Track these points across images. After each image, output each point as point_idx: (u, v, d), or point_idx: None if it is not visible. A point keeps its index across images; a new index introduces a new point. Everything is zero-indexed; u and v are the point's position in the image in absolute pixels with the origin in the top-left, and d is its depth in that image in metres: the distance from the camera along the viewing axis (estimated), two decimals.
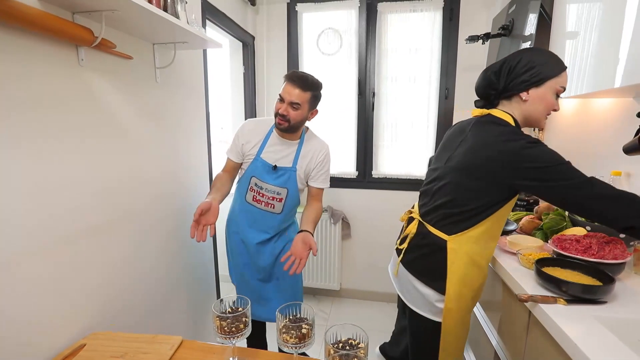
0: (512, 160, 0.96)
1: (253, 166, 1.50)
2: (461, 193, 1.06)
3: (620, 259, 0.98)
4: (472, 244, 1.06)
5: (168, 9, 1.13)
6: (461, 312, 1.11)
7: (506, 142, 0.98)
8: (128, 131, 1.27)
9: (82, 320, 1.09)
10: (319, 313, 2.51)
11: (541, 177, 0.93)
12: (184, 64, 1.62)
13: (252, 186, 1.51)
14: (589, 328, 0.78)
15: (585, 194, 0.91)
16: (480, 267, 1.09)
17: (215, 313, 0.89)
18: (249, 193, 1.52)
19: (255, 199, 1.52)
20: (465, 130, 1.13)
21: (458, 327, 1.13)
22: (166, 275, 1.53)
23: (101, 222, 1.16)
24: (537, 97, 1.03)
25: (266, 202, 1.51)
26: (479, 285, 1.11)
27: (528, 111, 1.06)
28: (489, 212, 1.04)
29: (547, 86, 1.02)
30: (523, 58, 1.02)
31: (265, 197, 1.50)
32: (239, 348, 0.99)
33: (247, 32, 2.35)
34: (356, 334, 0.80)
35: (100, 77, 1.13)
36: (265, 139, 1.50)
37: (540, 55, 1.03)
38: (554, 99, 1.03)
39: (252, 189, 1.52)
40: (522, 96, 1.04)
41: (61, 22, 0.91)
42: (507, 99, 1.08)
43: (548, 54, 1.05)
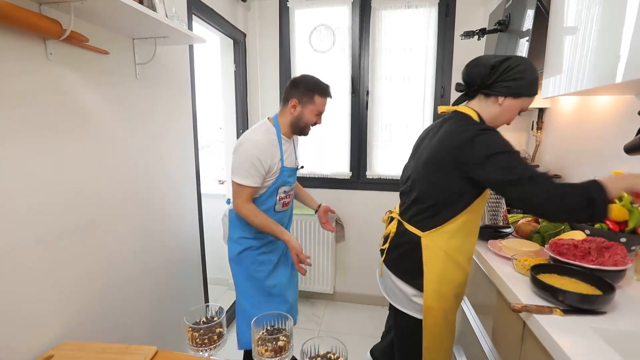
0: (465, 148, 0.98)
1: (280, 179, 1.45)
2: (426, 186, 1.08)
3: (620, 266, 0.92)
4: (448, 240, 1.06)
5: (144, 1, 1.07)
6: (443, 311, 1.10)
7: (460, 133, 1.01)
8: (105, 129, 1.21)
9: (53, 329, 1.04)
10: (312, 317, 2.45)
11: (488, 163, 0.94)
12: (167, 60, 1.56)
13: (280, 195, 1.49)
14: (587, 341, 0.72)
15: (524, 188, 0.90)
16: (459, 264, 1.09)
17: (187, 324, 0.83)
18: (278, 203, 1.50)
19: (285, 204, 1.54)
20: (434, 128, 1.17)
21: (441, 327, 1.12)
22: (146, 281, 1.47)
23: (74, 225, 1.10)
24: (508, 107, 1.06)
25: (290, 200, 1.58)
26: (460, 283, 1.11)
27: (496, 115, 1.08)
28: (460, 206, 1.05)
29: (520, 102, 1.05)
30: (518, 66, 1.02)
31: (289, 197, 1.56)
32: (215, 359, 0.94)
33: (237, 29, 2.30)
34: (335, 347, 0.75)
35: (72, 72, 1.07)
36: (281, 149, 1.45)
37: (531, 73, 1.04)
38: (516, 115, 1.08)
39: (281, 198, 1.50)
40: (499, 100, 1.05)
41: (23, 13, 0.85)
42: (485, 95, 1.09)
43: (535, 74, 1.06)
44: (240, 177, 1.36)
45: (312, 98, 1.42)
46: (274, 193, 1.46)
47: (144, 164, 1.43)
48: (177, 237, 1.70)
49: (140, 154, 1.40)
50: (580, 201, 0.86)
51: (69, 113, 1.07)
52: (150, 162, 1.47)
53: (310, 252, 2.51)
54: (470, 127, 1.02)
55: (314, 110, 1.44)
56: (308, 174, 2.50)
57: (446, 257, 1.07)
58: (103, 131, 1.21)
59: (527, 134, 2.24)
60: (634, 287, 0.97)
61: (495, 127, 1.08)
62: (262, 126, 1.45)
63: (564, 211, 0.89)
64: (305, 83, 1.44)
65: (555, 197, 0.87)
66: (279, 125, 1.46)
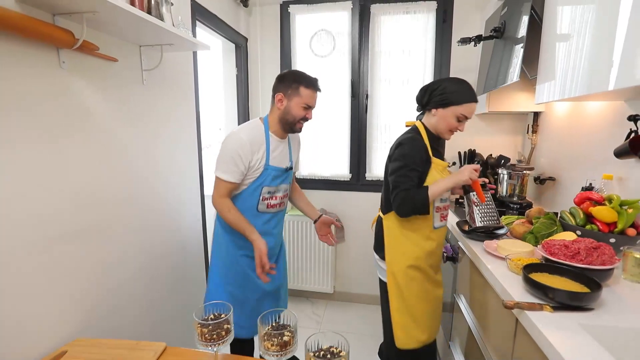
0: (392, 150, 1.37)
1: (263, 177, 1.42)
2: (386, 180, 1.40)
3: (608, 265, 0.96)
4: (400, 220, 1.37)
5: (152, 11, 1.12)
6: (402, 275, 1.37)
7: (398, 139, 1.38)
8: (114, 134, 1.26)
9: (66, 326, 1.08)
10: (312, 316, 2.49)
11: (389, 165, 1.36)
12: (172, 65, 1.60)
13: (264, 196, 1.45)
14: (574, 336, 0.77)
15: (393, 193, 1.30)
16: (411, 240, 1.37)
17: (196, 320, 0.87)
18: (261, 204, 1.46)
19: (270, 205, 1.49)
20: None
21: (401, 289, 1.38)
22: (153, 280, 1.51)
23: (86, 226, 1.14)
24: (441, 116, 1.33)
25: (279, 202, 1.53)
26: (415, 256, 1.37)
27: (435, 124, 1.36)
28: None
29: (450, 110, 1.30)
30: (441, 85, 1.32)
31: (278, 199, 1.51)
32: (222, 355, 0.98)
33: (239, 33, 2.34)
34: (338, 342, 0.79)
35: (83, 79, 1.11)
36: (267, 146, 1.43)
37: (452, 85, 1.31)
38: (456, 122, 1.32)
39: (265, 198, 1.46)
40: (432, 112, 1.35)
41: (40, 24, 0.90)
42: (428, 111, 1.39)
43: (462, 86, 1.31)
44: (219, 171, 1.37)
45: (298, 90, 1.39)
46: (257, 192, 1.43)
47: (150, 166, 1.47)
48: (182, 238, 1.74)
49: (146, 157, 1.44)
50: (411, 205, 1.27)
51: (79, 118, 1.11)
52: (156, 165, 1.51)
53: (310, 252, 2.56)
54: (404, 135, 1.37)
55: (300, 102, 1.40)
56: (308, 175, 2.55)
57: (400, 233, 1.38)
58: (110, 135, 1.25)
59: (522, 137, 2.29)
60: (622, 285, 1.02)
61: (441, 134, 1.37)
62: (250, 123, 1.46)
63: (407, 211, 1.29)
64: (290, 75, 1.42)
65: (403, 202, 1.27)
66: (268, 124, 1.45)
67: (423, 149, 1.33)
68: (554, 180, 1.82)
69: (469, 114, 1.31)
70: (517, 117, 2.29)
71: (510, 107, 1.98)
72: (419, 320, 1.40)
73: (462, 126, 1.34)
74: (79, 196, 1.12)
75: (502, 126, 2.31)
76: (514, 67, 1.56)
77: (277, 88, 1.43)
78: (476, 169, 1.31)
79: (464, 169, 1.30)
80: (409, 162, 1.29)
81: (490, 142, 2.33)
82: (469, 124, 2.33)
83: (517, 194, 1.89)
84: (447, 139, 1.41)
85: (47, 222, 1.01)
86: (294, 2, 2.37)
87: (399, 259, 1.38)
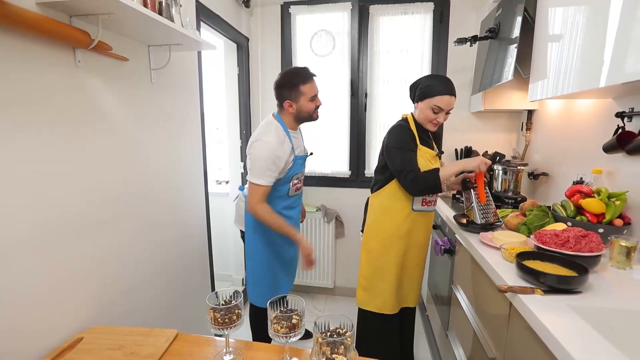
0: (385, 140, 1.53)
1: (294, 168, 1.57)
2: (379, 165, 1.59)
3: (595, 252, 1.02)
4: (382, 199, 1.57)
5: (163, 13, 1.17)
6: (375, 246, 1.58)
7: (388, 131, 1.55)
8: (125, 131, 1.30)
9: (82, 315, 1.13)
10: (313, 310, 2.55)
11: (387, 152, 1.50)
12: (178, 65, 1.65)
13: (293, 182, 1.61)
14: (564, 316, 0.83)
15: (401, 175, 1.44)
16: (388, 217, 1.55)
17: (209, 305, 0.92)
18: (291, 189, 1.63)
19: (297, 189, 1.68)
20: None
21: (370, 259, 1.60)
22: (162, 272, 1.56)
23: (99, 220, 1.19)
24: (420, 108, 1.49)
25: (300, 185, 1.71)
26: (388, 233, 1.55)
27: (418, 114, 1.52)
28: (388, 176, 1.54)
29: (425, 102, 1.45)
30: (422, 81, 1.49)
31: (300, 182, 1.70)
32: (233, 340, 1.03)
33: (241, 33, 2.39)
34: (344, 323, 0.84)
35: (96, 78, 1.16)
36: (291, 141, 1.55)
37: (429, 80, 1.47)
38: (432, 113, 1.45)
39: (294, 184, 1.63)
40: (415, 105, 1.53)
41: (58, 25, 0.94)
42: (415, 105, 1.55)
43: (436, 80, 1.45)
44: (256, 178, 1.46)
45: (299, 89, 1.50)
46: (288, 181, 1.58)
47: (158, 162, 1.52)
48: (189, 234, 1.79)
49: (154, 154, 1.49)
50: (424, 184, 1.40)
51: (93, 116, 1.16)
52: (163, 161, 1.56)
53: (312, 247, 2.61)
54: (394, 124, 1.56)
55: (306, 98, 1.52)
56: (309, 172, 2.60)
57: (379, 210, 1.58)
58: (121, 132, 1.29)
59: (517, 134, 2.35)
60: (608, 272, 1.08)
61: (424, 125, 1.51)
62: (271, 125, 1.53)
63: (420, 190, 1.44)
64: (287, 80, 1.51)
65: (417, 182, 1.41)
66: (283, 122, 1.56)
67: (410, 134, 1.47)
68: (547, 175, 1.89)
69: (443, 106, 1.42)
70: (511, 115, 2.35)
71: (505, 105, 2.05)
72: (376, 286, 1.61)
73: (440, 117, 1.45)
74: (95, 191, 1.17)
75: (497, 124, 2.38)
76: (509, 66, 1.62)
77: (282, 96, 1.54)
78: (487, 162, 1.40)
79: (477, 158, 1.41)
80: (403, 144, 1.44)
81: (486, 139, 2.40)
82: (465, 122, 2.40)
83: (512, 189, 1.96)
84: (430, 129, 1.52)
85: (64, 216, 1.05)
86: (294, 2, 2.42)
87: (375, 232, 1.58)
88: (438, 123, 1.48)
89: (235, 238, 2.72)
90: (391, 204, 1.54)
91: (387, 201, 1.55)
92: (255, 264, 1.67)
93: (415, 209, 1.54)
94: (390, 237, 1.56)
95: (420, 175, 1.40)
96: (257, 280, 1.68)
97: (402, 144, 1.44)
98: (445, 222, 1.79)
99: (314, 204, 2.64)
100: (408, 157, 1.43)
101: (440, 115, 1.45)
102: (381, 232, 1.58)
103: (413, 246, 1.60)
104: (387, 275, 1.59)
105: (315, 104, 1.55)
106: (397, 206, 1.54)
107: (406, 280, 1.65)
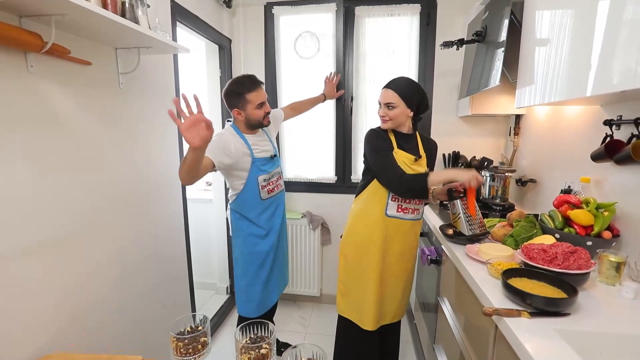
0: (364, 147, 1.52)
1: (254, 169, 1.59)
2: (363, 172, 1.60)
3: (584, 269, 0.98)
4: (359, 203, 1.56)
5: (126, 14, 1.09)
6: (351, 251, 1.56)
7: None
8: (88, 138, 1.22)
9: (35, 340, 1.03)
10: (299, 320, 2.48)
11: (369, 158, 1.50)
12: (152, 68, 1.56)
13: (261, 184, 1.63)
14: (550, 342, 0.77)
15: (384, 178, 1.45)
16: (361, 221, 1.53)
17: (171, 334, 0.85)
18: (262, 191, 1.65)
19: (270, 191, 1.69)
20: None
21: (346, 263, 1.58)
22: (131, 289, 1.47)
23: (56, 235, 1.10)
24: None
25: (276, 185, 1.73)
26: (361, 239, 1.52)
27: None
28: (368, 179, 1.54)
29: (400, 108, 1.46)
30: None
31: (274, 183, 1.71)
32: None
33: (223, 35, 2.31)
34: (316, 353, 0.78)
35: (53, 84, 1.07)
36: (247, 144, 1.59)
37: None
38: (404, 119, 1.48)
39: (263, 186, 1.65)
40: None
41: (2, 27, 0.85)
42: None
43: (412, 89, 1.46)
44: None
45: (245, 98, 1.54)
46: (254, 182, 1.60)
47: (127, 171, 1.43)
48: (163, 244, 1.70)
49: (124, 162, 1.40)
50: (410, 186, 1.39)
51: (50, 123, 1.07)
52: (134, 170, 1.47)
53: (297, 255, 2.54)
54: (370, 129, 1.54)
55: (252, 107, 1.56)
56: (294, 178, 2.53)
57: (358, 213, 1.55)
58: (86, 140, 1.21)
59: (505, 139, 2.32)
60: (597, 288, 1.03)
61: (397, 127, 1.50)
62: (225, 130, 1.64)
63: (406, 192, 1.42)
64: (233, 89, 1.56)
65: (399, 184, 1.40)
66: (237, 128, 1.63)
67: (383, 137, 1.47)
68: (534, 182, 1.85)
69: (380, 100, 1.47)
70: (499, 120, 2.31)
71: (493, 110, 2.00)
72: (354, 293, 1.57)
73: (381, 111, 1.47)
74: (52, 204, 1.08)
75: (485, 128, 2.34)
76: (496, 70, 1.57)
77: (230, 105, 1.61)
78: (479, 179, 1.34)
79: (470, 171, 1.36)
80: (379, 147, 1.45)
81: (474, 144, 2.35)
82: (453, 126, 2.36)
83: (500, 195, 1.92)
84: (383, 127, 1.51)
85: (16, 231, 0.96)
86: (277, 3, 2.35)
87: (350, 236, 1.56)
88: (385, 119, 1.47)
89: (219, 245, 2.64)
90: (366, 207, 1.52)
91: (363, 205, 1.53)
92: (238, 271, 1.72)
93: (389, 214, 1.48)
94: (363, 242, 1.52)
95: (406, 178, 1.39)
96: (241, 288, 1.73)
97: (378, 147, 1.45)
98: (432, 231, 1.74)
99: (299, 211, 2.57)
100: (389, 157, 1.43)
101: (382, 110, 1.46)
102: (355, 237, 1.55)
103: (390, 255, 1.52)
104: (365, 284, 1.53)
105: (264, 111, 1.59)
106: (371, 210, 1.51)
107: (388, 294, 1.57)
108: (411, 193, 1.41)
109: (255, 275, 1.70)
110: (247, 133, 1.63)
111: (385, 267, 1.53)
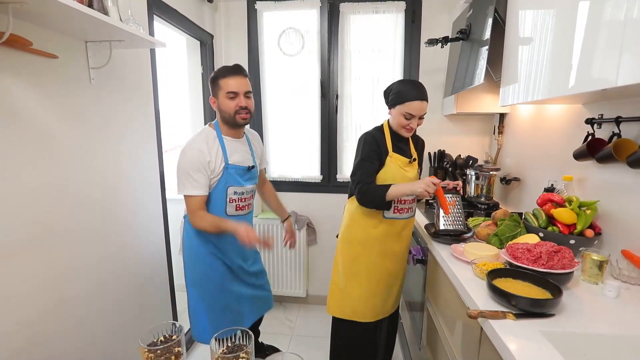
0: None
1: (225, 177, 1.42)
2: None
3: (568, 269, 0.97)
4: (355, 206, 1.52)
5: (94, 4, 1.02)
6: (346, 251, 1.56)
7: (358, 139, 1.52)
8: (53, 138, 1.14)
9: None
10: (285, 322, 2.44)
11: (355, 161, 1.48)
12: (126, 63, 1.49)
13: (230, 197, 1.45)
14: (534, 344, 0.76)
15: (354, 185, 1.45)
16: (360, 224, 1.52)
17: (142, 345, 0.79)
18: (229, 206, 1.46)
19: (239, 207, 1.49)
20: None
21: (341, 262, 1.57)
22: (106, 295, 1.40)
23: (23, 238, 1.02)
24: (393, 115, 1.44)
25: (247, 204, 1.54)
26: (361, 240, 1.52)
27: (392, 121, 1.47)
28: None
29: (397, 109, 1.41)
30: (393, 87, 1.44)
31: (246, 201, 1.52)
32: None
33: (204, 30, 2.23)
34: None
35: (13, 78, 1.00)
36: (222, 147, 1.43)
37: (400, 86, 1.41)
38: (404, 119, 1.40)
39: (232, 200, 1.46)
40: (389, 111, 1.49)
41: None
42: (389, 110, 1.50)
43: (406, 86, 1.40)
44: (188, 189, 1.38)
45: (218, 84, 1.41)
46: (222, 193, 1.43)
47: (101, 171, 1.36)
48: (141, 246, 1.63)
49: (97, 161, 1.33)
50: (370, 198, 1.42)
51: (10, 119, 0.99)
52: (108, 169, 1.40)
53: (282, 256, 2.50)
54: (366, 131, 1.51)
55: (223, 95, 1.40)
56: (278, 177, 2.48)
57: (352, 216, 1.54)
58: (53, 139, 1.13)
59: (490, 138, 2.33)
60: (581, 287, 1.03)
61: (398, 131, 1.45)
62: (202, 132, 1.46)
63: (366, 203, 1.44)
64: (211, 77, 1.44)
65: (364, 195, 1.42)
66: (219, 127, 1.47)
67: (378, 143, 1.44)
68: (518, 180, 1.86)
69: (413, 112, 1.38)
70: (484, 118, 2.32)
71: (477, 109, 2.00)
72: (348, 293, 1.56)
73: (413, 123, 1.40)
74: (19, 205, 1.00)
75: (470, 127, 2.34)
76: (480, 69, 1.57)
77: (211, 92, 1.46)
78: (435, 182, 1.33)
79: (421, 181, 1.35)
80: (364, 155, 1.43)
81: (459, 142, 2.36)
82: (438, 125, 2.35)
83: (485, 194, 1.92)
84: (405, 135, 1.47)
85: None
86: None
87: (348, 238, 1.56)
88: (411, 129, 1.42)
89: None
90: (363, 210, 1.50)
91: (360, 207, 1.50)
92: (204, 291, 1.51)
93: (387, 216, 1.48)
94: (361, 244, 1.52)
95: (370, 189, 1.40)
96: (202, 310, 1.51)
97: (363, 155, 1.44)
98: (417, 230, 1.73)
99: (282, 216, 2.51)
100: (363, 167, 1.43)
101: (413, 121, 1.40)
102: (353, 239, 1.54)
103: (389, 256, 1.52)
104: (360, 282, 1.54)
105: (236, 104, 1.40)
106: (369, 213, 1.49)
107: (385, 291, 1.57)
108: (372, 204, 1.44)
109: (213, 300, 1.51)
110: (227, 135, 1.46)
111: (385, 267, 1.53)
